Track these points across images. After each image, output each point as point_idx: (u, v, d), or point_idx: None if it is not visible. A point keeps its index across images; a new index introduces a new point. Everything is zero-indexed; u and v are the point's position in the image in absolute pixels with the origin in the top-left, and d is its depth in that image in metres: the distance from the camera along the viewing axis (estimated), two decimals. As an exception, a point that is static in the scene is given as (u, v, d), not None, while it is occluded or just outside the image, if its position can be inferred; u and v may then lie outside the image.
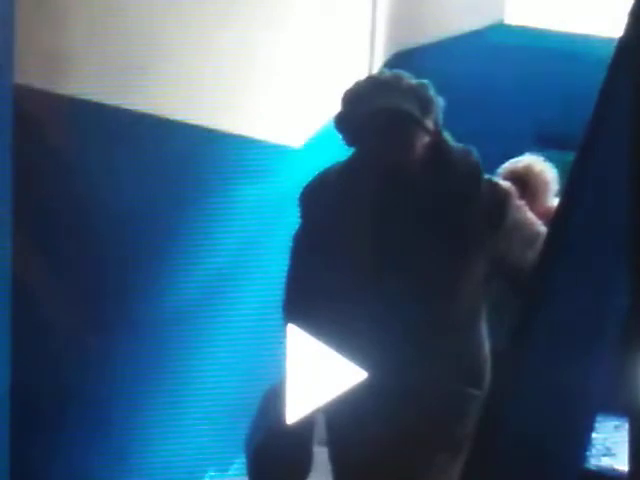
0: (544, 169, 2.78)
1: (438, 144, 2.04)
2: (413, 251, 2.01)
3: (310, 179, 2.18)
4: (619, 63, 0.75)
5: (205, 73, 3.14)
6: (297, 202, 2.16)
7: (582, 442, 0.72)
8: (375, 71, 3.42)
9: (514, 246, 2.02)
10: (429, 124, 2.01)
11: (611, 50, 1.06)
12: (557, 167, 2.79)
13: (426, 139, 2.02)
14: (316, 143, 3.35)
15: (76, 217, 3.04)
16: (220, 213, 3.16)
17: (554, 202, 2.61)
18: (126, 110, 3.05)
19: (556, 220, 0.77)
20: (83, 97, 2.99)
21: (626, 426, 1.33)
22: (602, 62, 1.69)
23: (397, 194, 2.04)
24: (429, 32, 3.81)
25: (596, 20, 3.73)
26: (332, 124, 2.17)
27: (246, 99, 3.26)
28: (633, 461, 0.71)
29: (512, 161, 2.82)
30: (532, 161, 2.82)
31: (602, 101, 0.77)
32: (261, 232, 3.17)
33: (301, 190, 2.16)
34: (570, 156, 1.77)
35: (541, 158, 2.84)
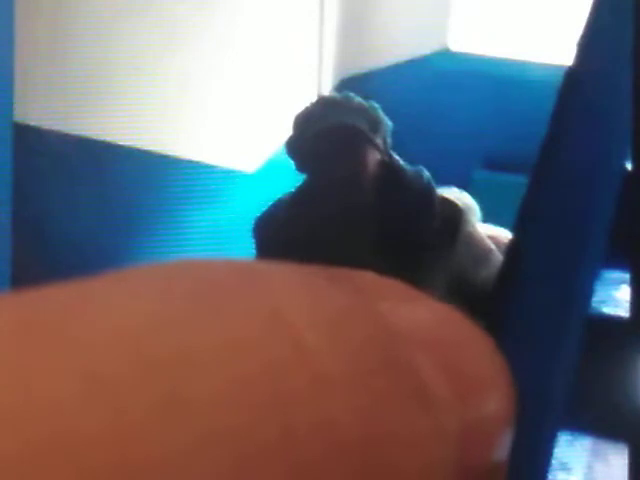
0: (460, 197, 2.80)
1: (389, 164, 2.06)
2: (372, 270, 2.02)
3: (261, 212, 2.17)
4: (570, 92, 0.79)
5: (154, 98, 3.14)
6: (251, 234, 2.16)
7: (545, 457, 0.75)
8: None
9: (468, 260, 2.05)
10: (379, 142, 2.03)
11: (552, 76, 1.10)
12: (504, 190, 2.84)
13: (377, 156, 2.04)
14: (269, 169, 3.37)
15: (25, 246, 3.00)
16: (170, 238, 3.15)
17: (483, 228, 2.64)
18: (69, 135, 3.02)
19: (511, 248, 0.80)
20: (26, 123, 2.93)
21: (579, 442, 1.37)
22: (542, 87, 1.74)
23: (350, 215, 2.05)
24: (375, 58, 3.87)
25: (537, 47, 3.84)
26: (284, 150, 2.19)
27: (196, 124, 3.26)
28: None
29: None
30: (445, 192, 2.84)
31: (554, 128, 0.81)
32: (212, 257, 3.15)
33: (253, 224, 2.16)
34: (518, 178, 1.82)
35: (456, 189, 2.85)
